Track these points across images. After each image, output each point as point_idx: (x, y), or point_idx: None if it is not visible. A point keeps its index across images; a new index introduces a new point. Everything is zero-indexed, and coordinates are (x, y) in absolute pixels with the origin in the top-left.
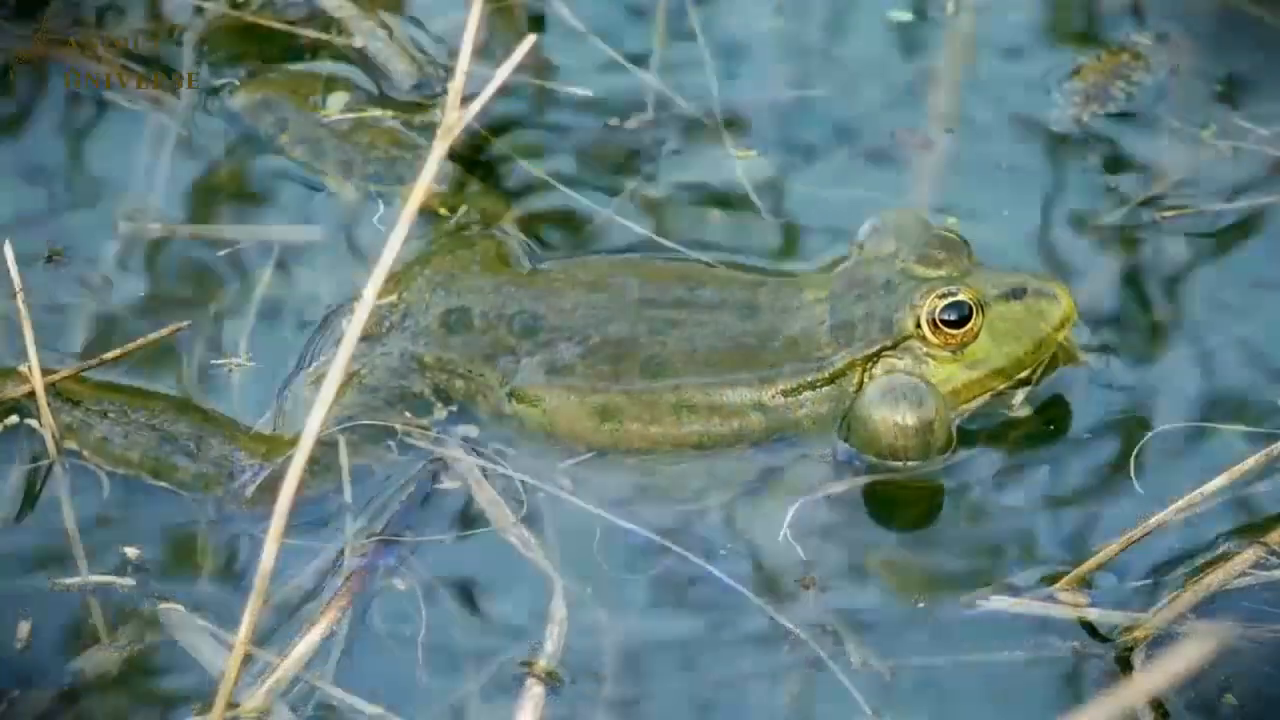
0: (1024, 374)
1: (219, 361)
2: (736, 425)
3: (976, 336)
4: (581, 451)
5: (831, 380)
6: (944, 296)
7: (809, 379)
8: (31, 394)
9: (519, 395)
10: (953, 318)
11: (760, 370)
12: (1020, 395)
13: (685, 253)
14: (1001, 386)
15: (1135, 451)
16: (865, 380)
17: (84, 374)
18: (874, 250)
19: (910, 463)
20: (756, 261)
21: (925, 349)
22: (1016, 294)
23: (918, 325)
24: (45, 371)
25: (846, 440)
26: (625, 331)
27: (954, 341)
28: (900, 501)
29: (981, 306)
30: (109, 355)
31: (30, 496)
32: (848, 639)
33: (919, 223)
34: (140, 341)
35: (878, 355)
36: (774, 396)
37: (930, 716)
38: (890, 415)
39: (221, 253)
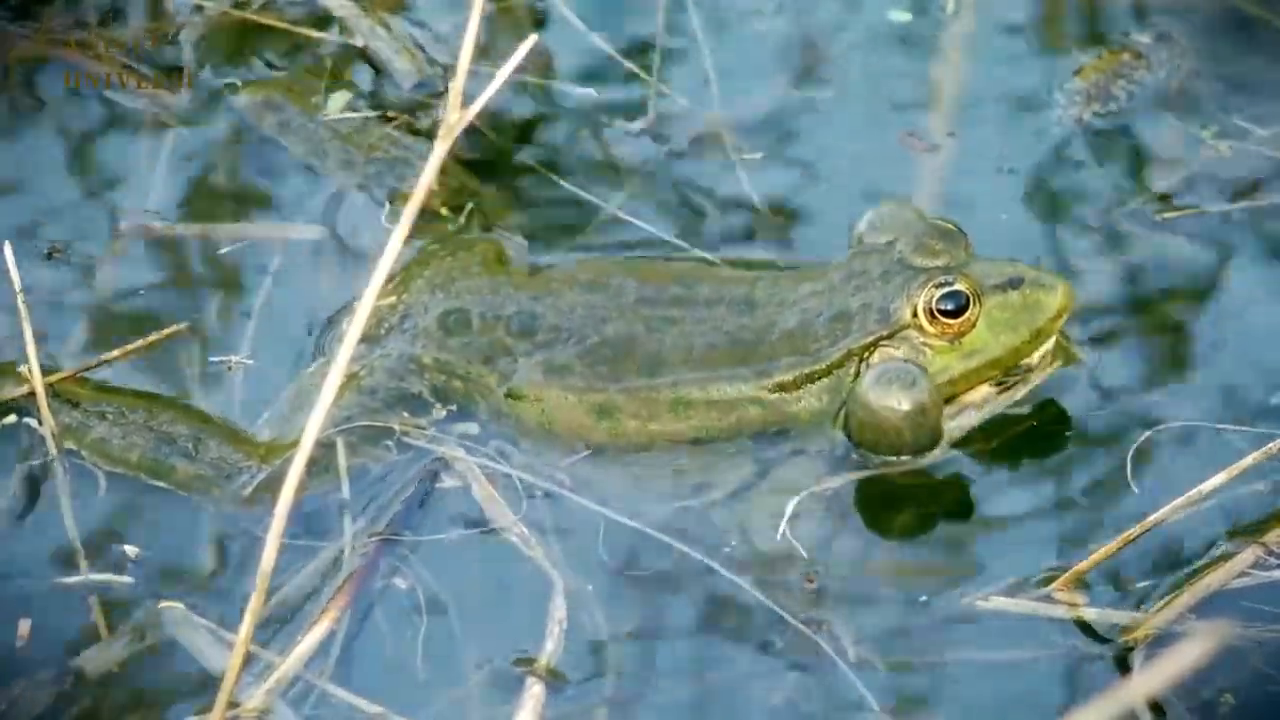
0: (1023, 363)
1: (219, 360)
2: (734, 419)
3: (974, 326)
4: (580, 449)
5: (829, 371)
6: (941, 286)
7: (806, 371)
8: (31, 394)
9: (516, 394)
10: (950, 307)
11: (758, 364)
12: (1022, 391)
13: (686, 248)
14: (999, 376)
15: (1134, 451)
16: (863, 371)
17: (84, 374)
18: (873, 242)
19: (905, 457)
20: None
21: (922, 339)
22: (1013, 284)
23: (915, 315)
24: (45, 372)
25: (845, 432)
26: (623, 331)
27: (951, 331)
28: (900, 499)
29: (978, 296)
30: (108, 356)
31: (30, 496)
32: (848, 636)
33: (915, 215)
34: (139, 343)
35: (875, 345)
36: (772, 390)
37: (930, 716)
38: (884, 399)
39: (222, 252)
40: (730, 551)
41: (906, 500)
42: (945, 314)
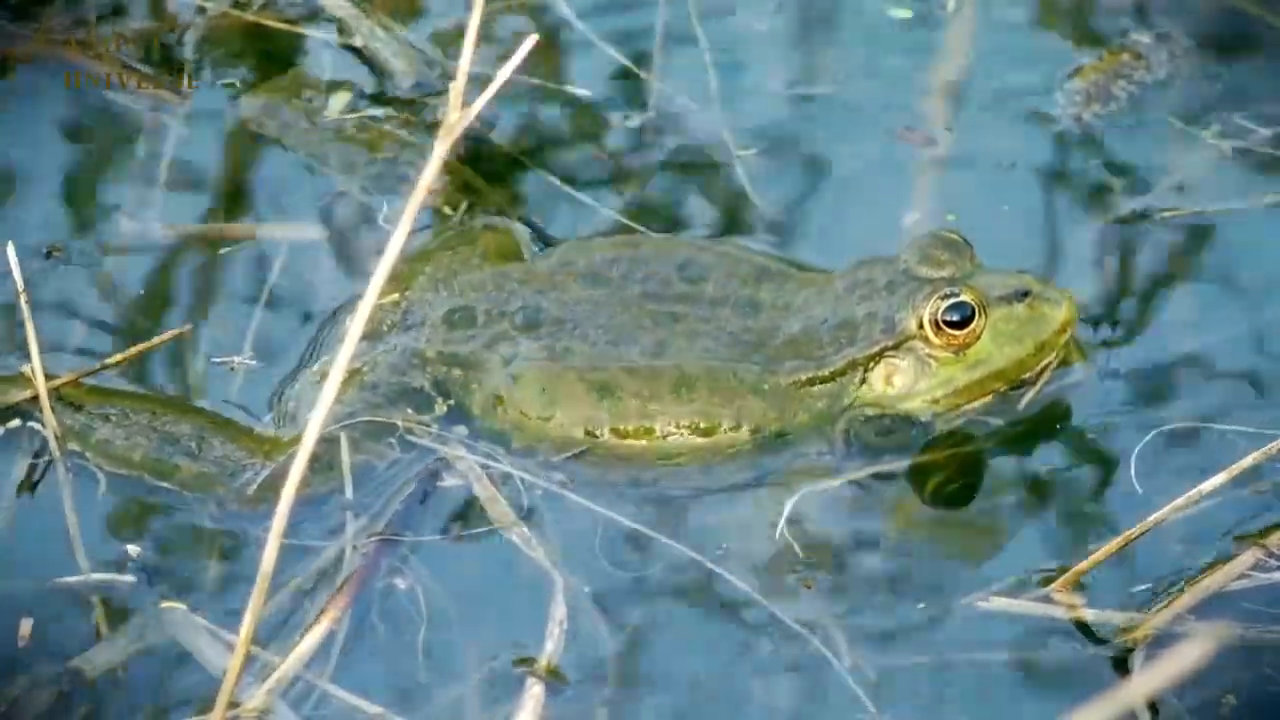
0: (1026, 376)
1: (221, 360)
2: (736, 407)
3: (979, 338)
4: (578, 439)
5: (832, 378)
6: (947, 297)
7: (809, 376)
8: (35, 398)
9: (519, 376)
10: (955, 319)
11: (761, 362)
12: (1029, 395)
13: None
14: (1003, 388)
15: (1135, 451)
16: (865, 380)
17: (85, 377)
18: (924, 270)
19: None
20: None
21: (927, 350)
22: (1019, 296)
23: (920, 326)
24: (48, 375)
25: (843, 438)
26: (628, 324)
27: (956, 343)
28: (899, 500)
29: (984, 308)
30: (111, 360)
31: (32, 496)
32: (847, 638)
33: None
34: (141, 346)
35: (879, 355)
36: (774, 387)
37: (929, 716)
38: None
39: (222, 251)
40: (729, 552)
41: (905, 501)
42: (950, 325)
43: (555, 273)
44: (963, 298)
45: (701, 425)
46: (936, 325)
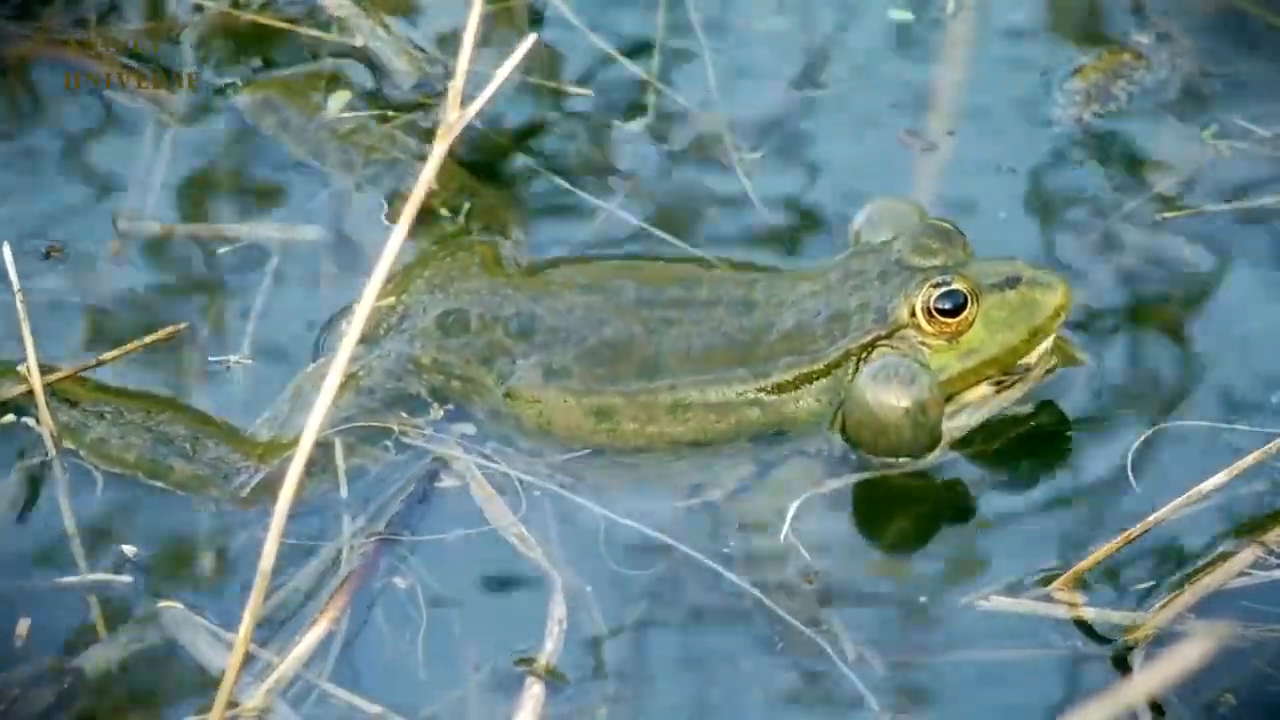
0: (1020, 362)
1: (219, 360)
2: (733, 421)
3: (971, 325)
4: (579, 450)
5: (827, 372)
6: (938, 285)
7: (804, 371)
8: (30, 393)
9: (515, 396)
10: (947, 307)
11: (756, 365)
12: (1019, 393)
13: (686, 249)
14: (997, 375)
15: (1134, 451)
16: (860, 371)
17: (82, 374)
18: (870, 238)
19: (903, 459)
20: (756, 261)
21: (920, 338)
22: (1011, 282)
23: (912, 314)
24: (44, 371)
25: (842, 434)
26: (621, 332)
27: (949, 330)
28: (900, 499)
29: (976, 295)
30: (108, 356)
31: (29, 495)
32: (848, 636)
33: (912, 210)
34: (139, 343)
35: (872, 345)
36: (770, 391)
37: (929, 715)
38: (883, 395)
39: (221, 251)
40: (730, 551)
41: (906, 500)
42: (943, 313)
43: (551, 280)
44: (954, 285)
45: (700, 440)
46: (929, 313)
